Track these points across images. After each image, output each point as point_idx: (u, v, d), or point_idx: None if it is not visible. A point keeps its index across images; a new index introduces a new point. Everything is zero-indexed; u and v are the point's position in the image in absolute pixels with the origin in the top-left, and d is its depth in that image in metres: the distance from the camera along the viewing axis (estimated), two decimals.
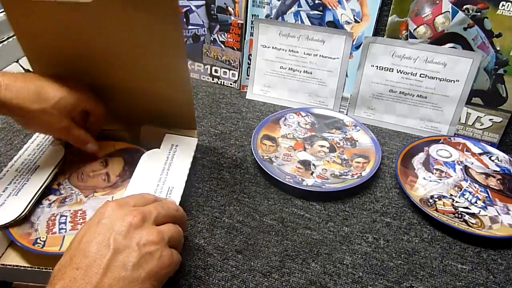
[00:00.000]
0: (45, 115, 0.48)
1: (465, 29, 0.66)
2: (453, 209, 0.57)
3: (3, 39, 0.73)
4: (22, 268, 0.43)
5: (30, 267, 0.43)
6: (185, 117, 0.59)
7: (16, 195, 0.49)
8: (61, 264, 0.35)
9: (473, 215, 0.57)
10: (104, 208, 0.39)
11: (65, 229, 0.47)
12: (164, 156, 0.55)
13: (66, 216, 0.49)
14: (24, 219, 0.48)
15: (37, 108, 0.47)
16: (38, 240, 0.46)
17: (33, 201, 0.49)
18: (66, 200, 0.51)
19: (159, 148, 0.56)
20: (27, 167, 0.54)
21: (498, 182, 0.62)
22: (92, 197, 0.52)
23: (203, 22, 0.82)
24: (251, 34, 0.80)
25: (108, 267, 0.34)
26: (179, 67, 0.52)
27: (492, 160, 0.66)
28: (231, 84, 0.86)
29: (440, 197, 0.59)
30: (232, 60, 0.84)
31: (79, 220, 0.48)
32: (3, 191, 0.49)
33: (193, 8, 0.82)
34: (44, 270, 0.42)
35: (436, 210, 0.57)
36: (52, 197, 0.52)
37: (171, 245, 0.39)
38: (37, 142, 0.58)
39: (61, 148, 0.57)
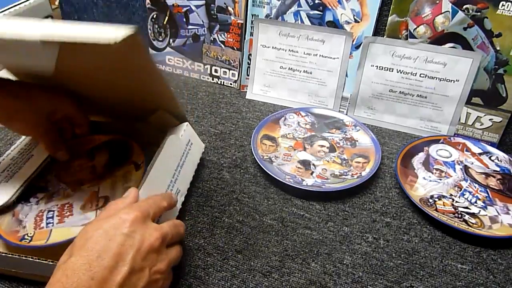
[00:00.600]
0: (26, 112, 0.49)
1: (465, 29, 0.66)
2: (453, 209, 0.57)
3: None
4: (4, 254, 0.44)
5: (14, 255, 0.43)
6: (171, 108, 0.57)
7: (6, 182, 0.50)
8: (75, 265, 0.34)
9: (473, 215, 0.57)
10: (127, 215, 0.38)
11: (52, 223, 0.47)
12: (182, 149, 0.55)
13: (54, 211, 0.49)
14: (12, 218, 0.48)
15: (20, 103, 0.48)
16: (26, 236, 0.46)
17: (21, 189, 0.50)
18: (54, 195, 0.52)
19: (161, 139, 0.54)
20: (22, 155, 0.55)
21: (498, 182, 0.62)
22: (79, 190, 0.52)
23: (203, 22, 0.82)
24: (251, 34, 0.80)
25: (121, 286, 0.34)
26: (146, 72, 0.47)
27: (492, 160, 0.66)
28: (231, 84, 0.86)
29: (440, 197, 0.59)
30: (232, 60, 0.84)
31: (66, 213, 0.48)
32: None
33: (193, 8, 0.82)
34: (29, 259, 0.43)
35: (436, 210, 0.57)
36: (40, 195, 0.52)
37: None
38: None
39: None
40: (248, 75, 0.83)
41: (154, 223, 0.41)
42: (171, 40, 0.87)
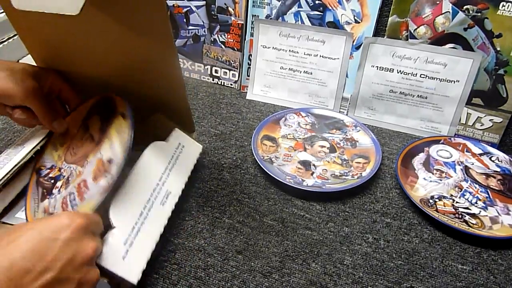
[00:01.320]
0: (14, 80, 0.49)
1: (465, 29, 0.66)
2: (453, 210, 0.57)
3: (3, 39, 0.73)
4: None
5: None
6: (183, 118, 0.59)
7: (1, 168, 0.52)
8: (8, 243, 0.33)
9: (473, 215, 0.57)
10: (70, 221, 0.37)
11: (76, 204, 0.46)
12: (170, 153, 0.55)
13: (73, 193, 0.48)
14: (45, 214, 0.48)
15: (7, 73, 0.49)
16: None
17: (14, 169, 0.51)
18: (69, 179, 0.51)
19: (162, 140, 0.56)
20: (18, 144, 0.57)
21: (499, 182, 0.62)
22: (86, 164, 0.51)
23: (203, 23, 0.82)
24: (251, 35, 0.80)
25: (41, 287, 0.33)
26: (169, 65, 0.51)
27: (493, 161, 0.66)
28: (231, 84, 0.86)
29: (441, 198, 0.59)
30: (232, 61, 0.84)
31: (83, 189, 0.47)
32: None
33: (193, 8, 0.82)
34: None
35: (437, 210, 0.57)
36: (58, 183, 0.52)
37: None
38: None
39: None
40: (248, 76, 0.83)
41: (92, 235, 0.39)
42: None
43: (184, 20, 0.83)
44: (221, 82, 0.87)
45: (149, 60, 0.50)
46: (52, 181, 0.52)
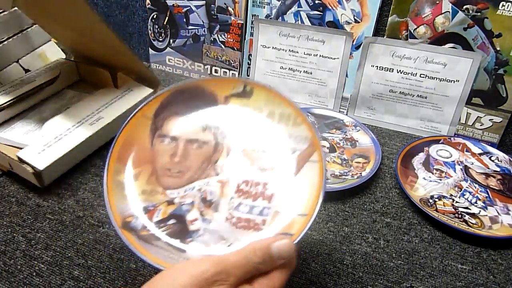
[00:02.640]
0: None
1: (465, 29, 0.66)
2: (453, 209, 0.57)
3: (3, 39, 0.73)
4: None
5: None
6: (141, 74, 0.71)
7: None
8: None
9: (473, 215, 0.57)
10: None
11: (269, 209, 0.37)
12: (115, 94, 0.68)
13: (242, 203, 0.37)
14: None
15: None
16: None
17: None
18: (209, 198, 0.38)
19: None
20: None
21: (498, 182, 0.62)
22: (219, 167, 0.39)
23: (203, 22, 0.82)
24: (251, 34, 0.80)
25: None
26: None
27: (492, 160, 0.66)
28: None
29: (440, 197, 0.59)
30: (232, 60, 0.84)
31: (258, 188, 0.38)
32: None
33: (193, 8, 0.82)
34: None
35: (436, 210, 0.57)
36: (190, 215, 0.37)
37: None
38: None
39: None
40: (248, 76, 0.83)
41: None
42: (171, 41, 0.87)
43: (184, 20, 0.83)
44: None
45: (83, 26, 0.62)
46: (173, 221, 0.37)
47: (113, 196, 0.38)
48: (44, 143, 0.58)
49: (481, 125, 0.72)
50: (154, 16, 0.86)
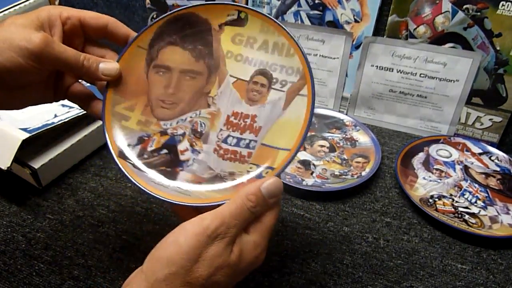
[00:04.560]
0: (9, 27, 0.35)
1: (465, 29, 0.66)
2: (453, 209, 0.57)
3: None
4: None
5: None
6: None
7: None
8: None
9: (473, 215, 0.57)
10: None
11: (255, 142, 0.38)
12: None
13: (231, 135, 0.39)
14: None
15: None
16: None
17: None
18: (200, 130, 0.40)
19: None
20: None
21: (498, 182, 0.62)
22: (212, 99, 0.40)
23: None
24: None
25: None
26: None
27: (492, 160, 0.66)
28: None
29: (440, 197, 0.59)
30: None
31: (246, 122, 0.39)
32: None
33: None
34: None
35: (436, 210, 0.57)
36: (182, 145, 0.39)
37: None
38: None
39: None
40: None
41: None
42: None
43: None
44: None
45: None
46: (165, 151, 0.39)
47: (110, 126, 0.40)
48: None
49: (481, 125, 0.71)
50: (154, 16, 0.86)
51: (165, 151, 0.39)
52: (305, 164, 0.65)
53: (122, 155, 0.39)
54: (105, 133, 0.39)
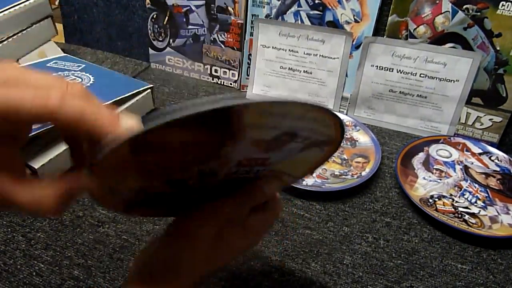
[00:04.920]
0: None
1: (465, 29, 0.66)
2: (453, 209, 0.57)
3: (3, 39, 0.73)
4: None
5: None
6: None
7: None
8: None
9: (473, 215, 0.57)
10: None
11: None
12: None
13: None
14: None
15: None
16: None
17: None
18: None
19: None
20: None
21: (498, 182, 0.62)
22: None
23: (203, 22, 0.82)
24: (251, 34, 0.80)
25: None
26: None
27: (492, 160, 0.66)
28: (231, 84, 0.86)
29: (440, 197, 0.59)
30: (232, 60, 0.84)
31: None
32: None
33: (193, 8, 0.82)
34: None
35: (436, 210, 0.57)
36: None
37: None
38: None
39: None
40: (248, 75, 0.83)
41: None
42: (171, 40, 0.87)
43: (184, 19, 0.83)
44: (221, 81, 0.87)
45: None
46: None
47: None
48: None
49: (481, 125, 0.72)
50: (154, 16, 0.86)
51: None
52: None
53: None
54: None
